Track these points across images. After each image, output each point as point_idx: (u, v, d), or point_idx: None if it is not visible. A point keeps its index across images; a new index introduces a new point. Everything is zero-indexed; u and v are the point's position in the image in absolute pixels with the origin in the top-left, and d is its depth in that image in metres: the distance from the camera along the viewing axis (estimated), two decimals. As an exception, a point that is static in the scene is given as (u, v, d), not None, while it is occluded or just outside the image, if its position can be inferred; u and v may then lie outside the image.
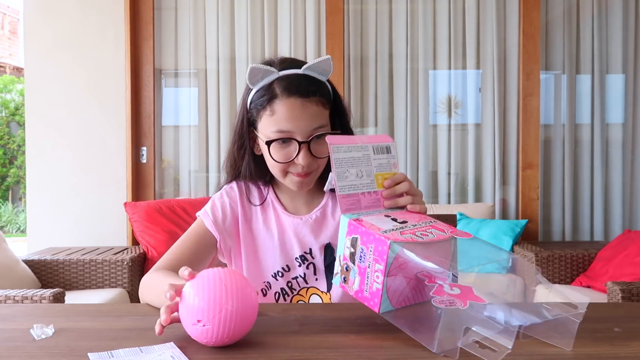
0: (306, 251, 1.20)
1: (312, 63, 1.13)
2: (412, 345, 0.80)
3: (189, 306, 0.78)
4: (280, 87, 1.11)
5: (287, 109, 1.10)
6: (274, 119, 1.11)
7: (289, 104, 1.10)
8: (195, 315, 0.77)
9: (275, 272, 1.20)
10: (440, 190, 3.79)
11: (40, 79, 3.62)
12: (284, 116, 1.10)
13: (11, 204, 8.89)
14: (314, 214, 1.23)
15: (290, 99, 1.10)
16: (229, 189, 1.26)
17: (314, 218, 1.22)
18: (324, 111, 1.14)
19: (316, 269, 1.20)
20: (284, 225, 1.22)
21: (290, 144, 1.11)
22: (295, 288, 1.20)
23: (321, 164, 1.16)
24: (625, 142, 3.76)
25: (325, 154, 1.13)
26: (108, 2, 3.59)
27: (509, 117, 3.72)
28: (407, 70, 3.76)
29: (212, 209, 1.23)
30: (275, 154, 1.12)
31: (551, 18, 3.74)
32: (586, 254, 2.98)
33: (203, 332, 0.77)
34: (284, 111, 1.10)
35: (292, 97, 1.10)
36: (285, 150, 1.12)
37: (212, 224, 1.21)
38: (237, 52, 3.77)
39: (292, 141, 1.11)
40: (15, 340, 0.84)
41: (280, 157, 1.12)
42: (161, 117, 3.84)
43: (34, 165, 3.63)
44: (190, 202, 3.44)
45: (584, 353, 0.77)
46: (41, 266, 2.92)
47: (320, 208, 1.23)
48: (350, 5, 3.74)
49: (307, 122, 1.10)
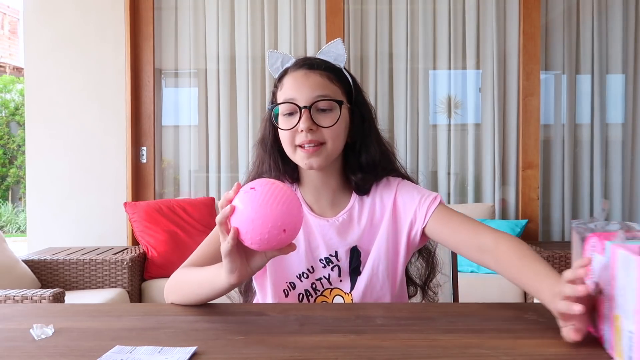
0: (332, 253, 1.18)
1: (324, 47, 1.20)
2: (412, 346, 0.80)
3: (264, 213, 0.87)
4: (292, 66, 1.18)
5: (292, 79, 1.16)
6: (282, 92, 1.16)
7: (295, 75, 1.16)
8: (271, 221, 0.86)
9: (300, 273, 1.18)
10: (440, 190, 3.79)
11: (40, 79, 3.62)
12: (289, 86, 1.15)
13: (11, 204, 8.88)
14: (340, 216, 1.20)
15: (296, 71, 1.16)
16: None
17: (341, 221, 1.20)
18: (331, 85, 1.15)
19: (341, 271, 1.18)
20: (311, 226, 1.20)
21: (295, 115, 1.13)
22: (319, 289, 1.19)
23: (329, 137, 1.13)
24: (625, 142, 3.75)
25: (329, 124, 1.13)
26: (108, 2, 3.59)
27: (509, 117, 3.72)
28: (407, 70, 3.76)
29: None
30: (282, 123, 1.15)
31: (551, 18, 3.74)
32: (586, 254, 2.97)
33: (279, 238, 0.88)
34: (289, 82, 1.16)
35: (299, 69, 1.16)
36: (290, 121, 1.14)
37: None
38: (237, 52, 3.77)
39: (296, 111, 1.13)
40: (15, 340, 0.84)
41: (285, 125, 1.14)
42: (161, 117, 3.84)
43: (34, 165, 3.63)
44: (190, 202, 3.44)
45: (583, 353, 0.77)
46: (41, 266, 2.92)
47: (347, 211, 1.21)
48: (350, 5, 3.74)
49: (309, 89, 1.13)
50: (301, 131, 1.11)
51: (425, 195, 1.18)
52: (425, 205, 1.16)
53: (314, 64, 1.16)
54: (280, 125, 1.15)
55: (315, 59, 1.19)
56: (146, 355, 0.76)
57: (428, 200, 1.16)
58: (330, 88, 1.15)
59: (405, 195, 1.20)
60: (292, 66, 1.18)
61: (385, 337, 0.83)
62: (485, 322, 0.92)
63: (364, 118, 1.20)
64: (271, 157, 1.21)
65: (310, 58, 1.19)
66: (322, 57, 1.19)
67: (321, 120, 1.13)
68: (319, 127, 1.12)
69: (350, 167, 1.20)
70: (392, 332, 0.86)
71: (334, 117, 1.13)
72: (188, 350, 0.77)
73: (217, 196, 3.73)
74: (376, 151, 1.21)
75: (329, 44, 1.20)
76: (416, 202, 1.17)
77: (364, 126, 1.20)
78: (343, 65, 1.20)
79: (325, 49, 1.20)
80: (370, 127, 1.21)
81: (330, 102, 1.13)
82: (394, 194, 1.20)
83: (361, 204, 1.21)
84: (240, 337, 0.84)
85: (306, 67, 1.16)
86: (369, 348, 0.79)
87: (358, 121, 1.19)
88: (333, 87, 1.15)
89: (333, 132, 1.13)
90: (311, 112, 1.12)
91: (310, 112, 1.12)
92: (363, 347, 0.79)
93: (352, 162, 1.20)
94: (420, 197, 1.17)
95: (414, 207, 1.17)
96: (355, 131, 1.19)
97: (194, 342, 0.80)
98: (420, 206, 1.16)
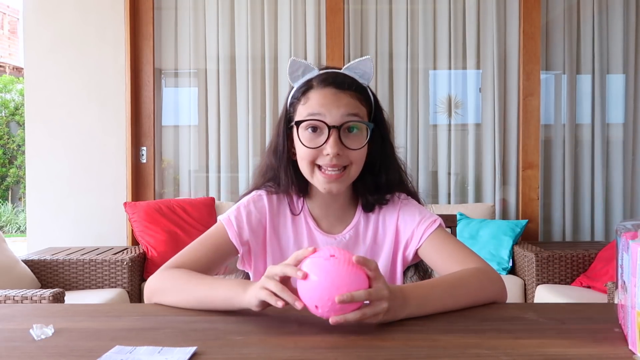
0: None
1: (352, 63, 1.14)
2: (412, 346, 0.80)
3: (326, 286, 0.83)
4: (317, 80, 1.12)
5: (321, 96, 1.10)
6: (306, 106, 1.11)
7: (323, 92, 1.10)
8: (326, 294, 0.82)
9: None
10: (440, 190, 3.79)
11: (40, 78, 3.62)
12: (316, 102, 1.10)
13: (11, 204, 8.88)
14: (347, 233, 1.20)
15: (325, 89, 1.10)
16: (257, 198, 1.20)
17: (348, 238, 1.19)
18: (360, 106, 1.11)
19: None
20: (317, 244, 1.18)
21: (321, 134, 1.09)
22: None
23: (354, 161, 1.11)
24: (625, 142, 3.75)
25: (357, 147, 1.10)
26: (108, 2, 3.59)
27: (509, 117, 3.72)
28: (407, 70, 3.75)
29: (237, 218, 1.17)
30: (305, 139, 1.10)
31: (551, 18, 3.74)
32: (586, 254, 2.97)
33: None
34: (317, 98, 1.10)
35: (327, 87, 1.10)
36: (315, 140, 1.09)
37: (236, 237, 1.16)
38: (237, 52, 3.77)
39: (323, 130, 1.09)
40: (15, 340, 0.83)
41: (310, 143, 1.09)
42: (161, 117, 3.84)
43: (34, 165, 3.62)
44: (190, 202, 3.44)
45: (584, 353, 0.77)
46: (41, 266, 2.92)
47: (353, 227, 1.20)
48: (350, 5, 3.74)
49: (339, 109, 1.08)
50: (327, 155, 1.08)
51: (425, 217, 1.18)
52: (423, 227, 1.17)
53: (344, 83, 1.11)
54: (304, 141, 1.10)
55: (345, 77, 1.12)
56: (146, 356, 0.75)
57: (426, 222, 1.17)
58: (359, 109, 1.11)
59: (406, 214, 1.20)
60: (319, 82, 1.11)
61: (385, 337, 0.83)
62: (485, 322, 0.91)
63: (384, 137, 1.18)
64: (282, 167, 1.17)
65: (338, 75, 1.13)
66: (349, 72, 1.13)
67: (349, 142, 1.09)
68: (346, 148, 1.09)
69: (366, 187, 1.18)
70: (392, 332, 0.85)
71: (361, 140, 1.10)
72: (188, 351, 0.77)
73: (217, 196, 3.73)
74: (395, 172, 1.20)
75: (358, 60, 1.13)
76: (415, 222, 1.18)
77: (384, 146, 1.18)
78: (368, 83, 1.16)
79: (353, 65, 1.13)
80: (389, 146, 1.19)
81: (360, 124, 1.10)
82: (396, 215, 1.20)
83: (366, 219, 1.21)
84: (240, 337, 0.84)
85: (335, 85, 1.10)
86: (369, 348, 0.79)
87: (378, 140, 1.16)
88: (362, 108, 1.12)
89: (359, 155, 1.11)
90: (340, 134, 1.08)
91: (340, 134, 1.08)
92: (363, 347, 0.79)
93: (368, 182, 1.18)
94: (421, 219, 1.18)
95: (413, 227, 1.18)
96: (376, 151, 1.16)
97: (194, 342, 0.80)
98: (417, 227, 1.17)
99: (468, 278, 1.04)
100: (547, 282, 2.94)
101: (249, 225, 1.17)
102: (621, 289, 0.81)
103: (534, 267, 2.94)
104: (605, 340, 0.81)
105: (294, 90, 1.15)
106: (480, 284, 1.03)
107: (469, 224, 3.35)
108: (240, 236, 1.16)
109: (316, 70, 1.14)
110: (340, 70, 1.14)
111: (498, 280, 1.07)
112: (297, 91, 1.14)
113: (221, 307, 0.98)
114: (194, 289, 1.01)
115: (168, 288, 1.05)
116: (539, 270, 2.93)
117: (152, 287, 1.07)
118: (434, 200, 3.78)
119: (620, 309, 0.84)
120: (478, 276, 1.05)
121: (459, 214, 3.43)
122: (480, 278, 1.05)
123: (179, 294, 1.02)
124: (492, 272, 1.08)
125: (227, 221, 1.17)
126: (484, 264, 1.10)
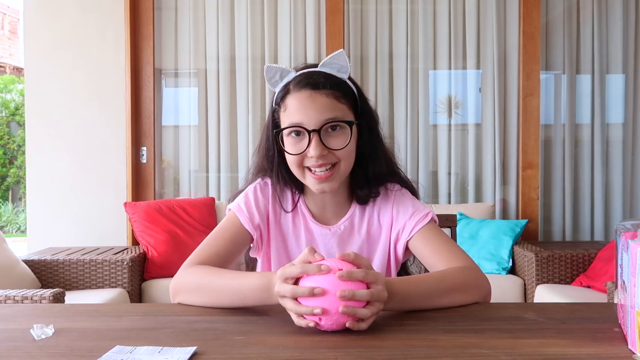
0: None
1: (326, 59, 1.13)
2: (412, 345, 0.80)
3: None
4: (293, 83, 1.12)
5: (297, 101, 1.10)
6: (287, 114, 1.11)
7: (299, 96, 1.10)
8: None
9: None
10: (440, 190, 3.79)
11: (40, 78, 3.62)
12: (294, 108, 1.10)
13: (11, 204, 8.89)
14: (342, 224, 1.21)
15: (300, 92, 1.10)
16: (262, 185, 1.22)
17: (343, 229, 1.20)
18: (338, 104, 1.10)
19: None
20: (313, 234, 1.20)
21: (304, 138, 1.09)
22: None
23: (341, 158, 1.11)
24: (625, 142, 3.75)
25: (340, 146, 1.10)
26: (108, 2, 3.59)
27: (509, 117, 3.72)
28: (407, 70, 3.76)
29: (247, 204, 1.19)
30: (289, 146, 1.11)
31: (551, 18, 3.74)
32: (586, 254, 2.97)
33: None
34: (294, 104, 1.10)
35: (302, 89, 1.10)
36: (298, 144, 1.10)
37: (249, 221, 1.17)
38: (237, 52, 3.77)
39: (304, 134, 1.09)
40: (15, 340, 0.84)
41: (294, 150, 1.10)
42: (161, 117, 3.84)
43: (34, 165, 3.63)
44: (190, 202, 3.44)
45: (584, 353, 0.77)
46: (41, 266, 2.92)
47: (349, 218, 1.21)
48: (350, 5, 3.74)
49: (316, 112, 1.08)
50: (311, 157, 1.09)
51: (418, 210, 1.18)
52: (415, 220, 1.17)
53: (318, 84, 1.10)
54: (288, 148, 1.11)
55: (319, 75, 1.11)
56: (146, 355, 0.76)
57: (419, 215, 1.17)
58: (338, 108, 1.10)
59: (400, 207, 1.20)
60: (295, 85, 1.11)
61: (385, 337, 0.83)
62: (485, 322, 0.91)
63: (371, 129, 1.17)
64: (274, 171, 1.18)
65: (313, 74, 1.12)
66: (325, 69, 1.13)
67: (332, 143, 1.09)
68: (330, 150, 1.09)
69: (357, 181, 1.19)
70: (392, 332, 0.86)
71: (345, 138, 1.10)
72: (188, 351, 0.77)
73: (217, 196, 3.73)
74: (383, 163, 1.20)
75: (331, 55, 1.12)
76: (408, 214, 1.18)
77: (371, 138, 1.17)
78: (347, 76, 1.15)
79: (328, 61, 1.12)
80: (377, 138, 1.19)
81: (341, 123, 1.10)
82: (391, 207, 1.20)
83: (362, 211, 1.22)
84: (240, 337, 0.84)
85: (310, 87, 1.09)
86: (369, 348, 0.79)
87: (365, 133, 1.16)
88: (341, 106, 1.11)
89: (345, 152, 1.11)
90: (321, 136, 1.08)
91: (320, 136, 1.08)
92: (363, 347, 0.79)
93: (359, 176, 1.18)
94: (413, 211, 1.18)
95: (405, 219, 1.18)
96: (363, 143, 1.16)
97: (194, 342, 0.80)
98: (409, 219, 1.17)
99: (453, 277, 1.04)
100: (547, 281, 2.94)
101: (257, 209, 1.19)
102: (621, 288, 0.81)
103: (534, 267, 2.94)
104: (605, 339, 0.81)
105: (275, 96, 1.16)
106: (465, 284, 1.04)
107: (469, 223, 3.35)
108: (251, 221, 1.17)
109: (293, 72, 1.13)
110: (316, 68, 1.13)
111: (483, 280, 1.08)
112: (277, 97, 1.14)
113: (252, 305, 0.99)
114: (222, 292, 1.00)
115: (193, 289, 1.04)
116: (539, 270, 2.93)
117: (176, 289, 1.07)
118: (434, 200, 3.78)
119: (620, 309, 0.84)
120: (464, 275, 1.05)
121: (459, 213, 3.43)
122: (466, 277, 1.05)
123: (206, 293, 1.02)
124: (478, 272, 1.08)
125: (237, 208, 1.19)
126: (471, 263, 1.10)
